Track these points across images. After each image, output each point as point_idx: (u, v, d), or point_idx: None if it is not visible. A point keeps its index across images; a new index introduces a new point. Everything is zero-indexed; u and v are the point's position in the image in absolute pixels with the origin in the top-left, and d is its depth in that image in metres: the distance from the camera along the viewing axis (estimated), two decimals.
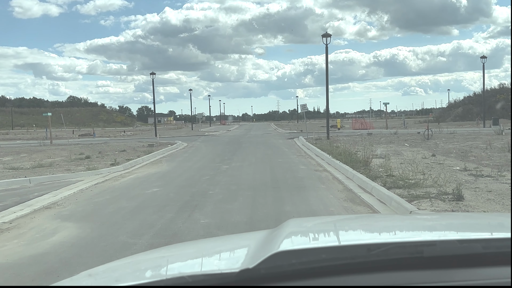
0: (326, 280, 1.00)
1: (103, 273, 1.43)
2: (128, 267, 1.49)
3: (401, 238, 1.34)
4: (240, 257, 1.25)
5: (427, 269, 1.03)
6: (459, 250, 1.07)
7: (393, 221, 1.86)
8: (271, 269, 1.02)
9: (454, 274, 1.01)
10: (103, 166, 16.20)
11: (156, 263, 1.49)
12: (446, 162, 14.02)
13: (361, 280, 0.99)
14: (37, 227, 7.75)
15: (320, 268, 1.03)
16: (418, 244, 1.09)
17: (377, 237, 1.42)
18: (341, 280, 0.99)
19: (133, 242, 6.48)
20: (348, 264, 1.04)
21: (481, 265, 1.04)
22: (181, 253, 1.63)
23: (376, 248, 1.06)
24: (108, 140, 37.16)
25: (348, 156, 15.17)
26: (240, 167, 15.43)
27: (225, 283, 1.00)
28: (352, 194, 9.83)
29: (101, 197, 10.39)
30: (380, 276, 1.00)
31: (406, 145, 21.99)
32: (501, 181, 10.24)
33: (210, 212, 8.30)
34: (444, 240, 1.15)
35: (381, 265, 1.04)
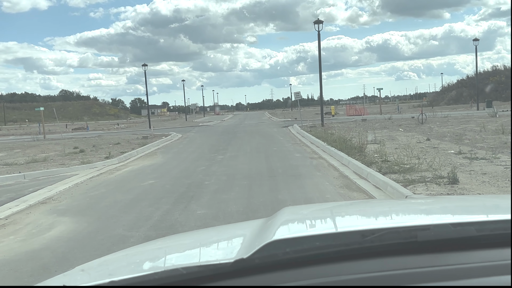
0: (320, 268, 0.99)
1: (97, 267, 1.41)
2: (123, 260, 1.48)
3: (395, 223, 1.32)
4: (235, 247, 1.23)
5: (422, 254, 1.02)
6: (453, 234, 1.07)
7: (388, 206, 1.85)
8: (266, 258, 1.01)
9: (448, 257, 1.00)
10: (98, 159, 16.14)
11: (151, 255, 1.47)
12: (441, 146, 14.07)
13: (355, 266, 0.98)
14: (33, 222, 7.72)
15: (314, 256, 1.02)
16: (412, 229, 1.08)
17: (371, 222, 1.41)
18: (335, 267, 0.98)
19: (130, 234, 6.47)
20: (343, 251, 1.03)
21: (476, 248, 1.04)
22: (176, 244, 1.62)
23: (370, 234, 1.05)
24: (102, 134, 37.03)
25: (343, 142, 15.18)
26: (235, 157, 15.41)
27: (219, 274, 0.98)
28: (347, 180, 9.85)
29: (97, 191, 10.36)
30: (375, 262, 1.00)
31: (400, 130, 22.04)
32: (495, 163, 10.28)
33: (207, 202, 8.30)
34: (437, 224, 1.14)
35: (375, 251, 1.03)
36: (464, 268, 0.96)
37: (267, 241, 1.06)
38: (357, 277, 0.94)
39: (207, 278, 0.98)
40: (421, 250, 1.03)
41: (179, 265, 1.01)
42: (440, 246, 1.04)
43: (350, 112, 47.95)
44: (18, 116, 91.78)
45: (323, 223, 1.42)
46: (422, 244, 1.03)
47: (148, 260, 1.39)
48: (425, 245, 1.03)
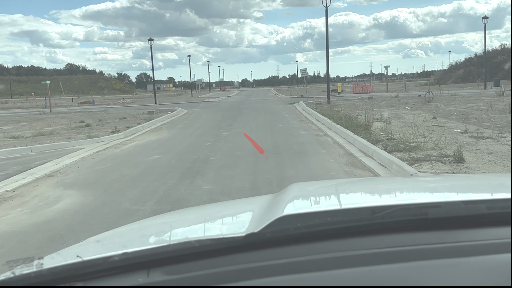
0: (331, 243, 0.99)
1: (110, 238, 1.43)
2: (135, 233, 1.49)
3: (405, 200, 1.32)
4: (245, 222, 1.24)
5: (432, 230, 1.03)
6: (464, 211, 1.07)
7: (396, 184, 1.85)
8: (277, 233, 1.01)
9: (458, 234, 1.01)
10: (104, 134, 16.19)
11: (162, 228, 1.49)
12: (447, 125, 14.00)
13: (365, 242, 0.99)
14: (40, 195, 7.80)
15: (325, 231, 1.03)
16: (423, 206, 1.08)
17: (381, 199, 1.40)
18: (345, 243, 0.99)
19: (136, 208, 6.53)
20: (353, 227, 1.04)
21: (485, 226, 1.04)
22: (186, 219, 1.63)
23: (380, 210, 1.05)
24: (108, 108, 37.07)
25: (348, 120, 15.13)
26: (241, 133, 15.41)
27: (231, 247, 0.99)
28: (353, 158, 9.85)
29: (103, 165, 10.43)
30: (384, 238, 1.00)
31: (407, 108, 21.91)
32: (502, 142, 10.24)
33: (212, 178, 8.34)
34: (448, 202, 1.14)
35: (385, 227, 1.04)
36: (475, 245, 0.96)
37: (277, 216, 1.06)
38: (367, 252, 0.94)
39: (219, 251, 0.99)
40: (432, 227, 1.03)
41: (191, 238, 1.02)
42: (451, 223, 1.05)
43: (357, 89, 47.63)
44: (24, 89, 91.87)
45: (332, 199, 1.43)
46: (433, 221, 1.04)
47: (160, 232, 1.41)
48: (435, 222, 1.04)
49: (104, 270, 0.98)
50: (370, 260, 0.91)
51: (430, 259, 0.91)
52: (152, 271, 0.96)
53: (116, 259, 0.97)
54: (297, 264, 0.92)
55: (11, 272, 0.96)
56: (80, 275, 0.97)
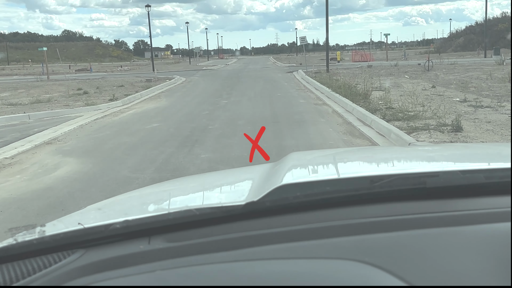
0: (330, 212, 1.00)
1: (110, 205, 1.43)
2: (134, 201, 1.50)
3: (404, 169, 1.32)
4: (244, 191, 1.24)
5: (430, 200, 1.03)
6: (462, 181, 1.07)
7: (394, 153, 1.85)
8: (276, 202, 1.02)
9: (457, 203, 1.01)
10: (102, 101, 16.12)
11: (162, 196, 1.49)
12: (446, 94, 13.96)
13: (364, 211, 0.99)
14: (38, 162, 7.82)
15: (324, 200, 1.03)
16: (421, 175, 1.08)
17: (379, 169, 1.40)
18: (344, 212, 1.00)
19: (135, 176, 6.56)
20: (352, 196, 1.04)
21: (483, 195, 1.05)
22: (185, 187, 1.63)
23: (379, 180, 1.06)
24: (105, 75, 36.77)
25: (347, 89, 15.06)
26: (239, 102, 15.36)
27: (231, 216, 1.00)
28: (351, 127, 9.85)
29: (101, 133, 10.42)
30: (383, 207, 1.01)
31: (406, 77, 21.79)
32: (500, 111, 10.24)
33: (211, 146, 8.35)
34: (446, 171, 1.14)
35: (384, 196, 1.04)
36: (474, 214, 0.96)
37: (277, 184, 1.07)
38: (366, 221, 0.95)
39: (219, 219, 1.00)
40: (430, 196, 1.03)
41: (191, 206, 1.03)
42: (449, 192, 1.05)
43: (356, 58, 47.22)
44: (21, 56, 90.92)
45: (331, 169, 1.42)
46: (431, 191, 1.04)
47: (160, 200, 1.41)
48: (433, 192, 1.04)
49: (105, 237, 0.98)
50: (369, 228, 0.92)
51: (429, 227, 0.91)
52: (153, 238, 0.97)
53: (117, 227, 0.98)
54: (296, 232, 0.92)
55: (13, 239, 0.97)
56: (81, 242, 0.98)
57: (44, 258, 0.93)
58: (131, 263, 0.89)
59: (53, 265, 0.91)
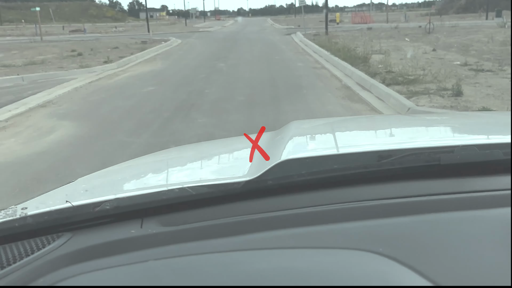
0: (337, 192, 0.92)
1: (100, 179, 1.34)
2: (127, 174, 1.39)
3: (415, 143, 1.21)
4: (244, 164, 1.15)
5: (445, 178, 0.94)
6: (479, 157, 0.97)
7: (401, 123, 1.74)
8: (279, 180, 0.93)
9: (474, 183, 0.92)
10: (96, 63, 15.85)
11: (156, 169, 1.39)
12: (447, 57, 13.76)
13: (374, 191, 0.91)
14: (33, 125, 7.72)
15: (331, 178, 0.94)
16: (435, 151, 0.99)
17: (388, 142, 1.29)
18: (352, 192, 0.91)
19: (131, 141, 6.48)
20: (360, 173, 0.95)
21: (502, 173, 0.95)
22: (180, 159, 1.53)
23: (389, 155, 0.97)
24: (100, 37, 36.13)
25: (347, 52, 14.82)
26: (237, 65, 15.12)
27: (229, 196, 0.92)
28: (350, 91, 9.72)
29: (96, 96, 10.27)
30: (394, 186, 0.92)
31: (406, 39, 21.47)
32: (501, 75, 10.11)
33: (207, 111, 8.23)
34: (462, 146, 1.03)
35: (395, 174, 0.95)
36: (495, 195, 0.87)
37: (278, 160, 0.98)
38: (377, 203, 0.86)
39: (216, 199, 0.91)
40: (443, 175, 0.95)
41: (187, 184, 0.94)
42: (464, 170, 0.96)
43: (356, 20, 46.44)
44: (14, 16, 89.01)
45: (336, 141, 1.31)
46: (445, 168, 0.95)
47: (153, 175, 1.31)
48: (448, 169, 0.95)
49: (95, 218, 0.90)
50: (381, 212, 0.83)
51: (447, 211, 0.82)
52: (146, 221, 0.89)
53: (107, 207, 0.89)
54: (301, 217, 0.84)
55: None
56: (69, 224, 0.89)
57: (26, 243, 0.85)
58: (122, 250, 0.81)
59: (37, 251, 0.82)
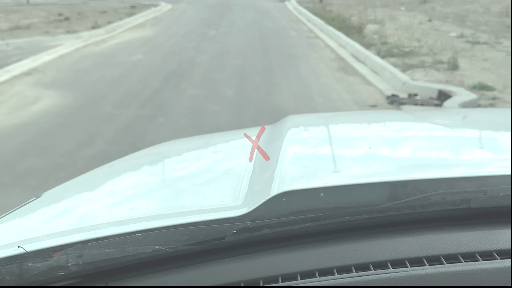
0: (342, 247, 0.75)
1: (67, 195, 1.14)
2: (96, 202, 1.13)
3: (434, 171, 0.91)
4: (239, 185, 0.95)
5: (476, 228, 0.74)
6: None
7: (403, 126, 1.47)
8: (274, 218, 0.77)
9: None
10: (84, 29, 15.40)
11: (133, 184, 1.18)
12: (443, 28, 13.53)
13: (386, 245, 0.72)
14: (17, 94, 7.48)
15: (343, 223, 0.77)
16: (464, 190, 0.77)
17: (405, 165, 1.01)
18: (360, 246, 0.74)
19: (118, 113, 6.28)
20: (374, 218, 0.77)
21: None
22: (167, 161, 1.33)
23: (404, 189, 0.79)
24: (88, 0, 35.19)
25: (341, 21, 14.51)
26: (228, 33, 14.76)
27: (223, 237, 0.75)
28: (344, 63, 9.50)
29: (83, 64, 9.96)
30: (416, 240, 0.73)
31: (402, 9, 21.11)
32: (497, 48, 9.96)
33: (198, 82, 8.01)
34: (496, 179, 0.80)
35: (412, 218, 0.77)
36: None
37: (272, 194, 0.80)
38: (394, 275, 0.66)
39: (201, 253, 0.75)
40: (475, 222, 0.75)
41: (167, 217, 0.77)
42: (496, 215, 0.76)
43: None
44: None
45: (342, 161, 1.08)
46: (475, 212, 0.76)
47: (128, 198, 1.07)
48: (478, 214, 0.76)
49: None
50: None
51: None
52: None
53: (67, 265, 0.71)
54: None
55: None
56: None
57: None
58: None
59: None
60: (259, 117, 5.95)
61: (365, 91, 7.21)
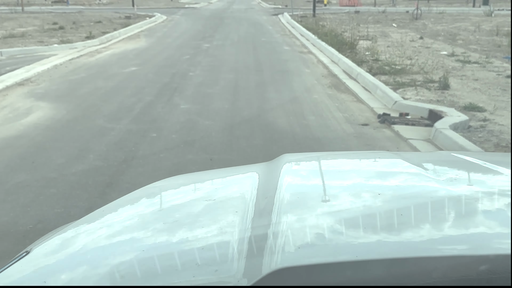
0: None
1: (58, 256, 1.13)
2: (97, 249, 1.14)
3: (444, 248, 0.90)
4: (232, 246, 0.94)
5: None
6: None
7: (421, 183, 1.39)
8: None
9: None
10: (78, 39, 15.41)
11: (120, 251, 1.13)
12: (434, 46, 13.68)
13: None
14: (9, 106, 7.46)
15: None
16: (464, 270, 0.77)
17: (403, 233, 1.00)
18: None
19: (111, 127, 6.28)
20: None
21: None
22: (151, 230, 1.24)
23: (413, 264, 0.79)
24: (83, 9, 35.22)
25: (334, 37, 14.63)
26: (222, 46, 14.83)
27: None
28: (336, 80, 9.58)
29: (77, 75, 9.96)
30: None
31: (394, 25, 21.32)
32: (488, 68, 10.08)
33: (191, 96, 8.03)
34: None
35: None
36: None
37: (271, 269, 0.81)
38: None
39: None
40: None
41: None
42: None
43: (343, 2, 45.93)
44: None
45: (344, 224, 1.06)
46: None
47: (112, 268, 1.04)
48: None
49: None
50: None
51: None
52: None
53: None
54: None
55: None
56: None
57: None
58: None
59: None
60: (251, 134, 5.97)
61: (356, 109, 7.27)
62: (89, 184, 4.49)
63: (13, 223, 3.77)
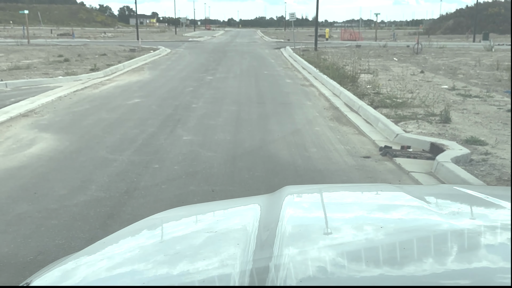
0: None
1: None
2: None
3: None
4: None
5: None
6: None
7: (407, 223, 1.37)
8: None
9: None
10: (83, 71, 15.64)
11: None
12: (435, 80, 13.83)
13: None
14: (13, 137, 7.50)
15: None
16: None
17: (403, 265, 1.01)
18: None
19: (113, 158, 6.30)
20: None
21: None
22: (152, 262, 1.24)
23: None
24: (88, 42, 35.84)
25: (335, 70, 14.82)
26: (225, 79, 15.02)
27: None
28: (338, 112, 9.66)
29: (80, 107, 10.06)
30: None
31: (395, 59, 21.61)
32: (489, 102, 10.15)
33: (193, 128, 8.09)
34: None
35: None
36: None
37: None
38: None
39: None
40: None
41: None
42: None
43: (345, 36, 46.79)
44: (2, 17, 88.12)
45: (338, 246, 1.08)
46: None
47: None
48: None
49: None
50: None
51: None
52: None
53: None
54: None
55: None
56: None
57: None
58: None
59: None
60: (253, 165, 5.99)
61: (358, 142, 7.30)
62: (91, 215, 4.48)
63: (13, 254, 3.74)
